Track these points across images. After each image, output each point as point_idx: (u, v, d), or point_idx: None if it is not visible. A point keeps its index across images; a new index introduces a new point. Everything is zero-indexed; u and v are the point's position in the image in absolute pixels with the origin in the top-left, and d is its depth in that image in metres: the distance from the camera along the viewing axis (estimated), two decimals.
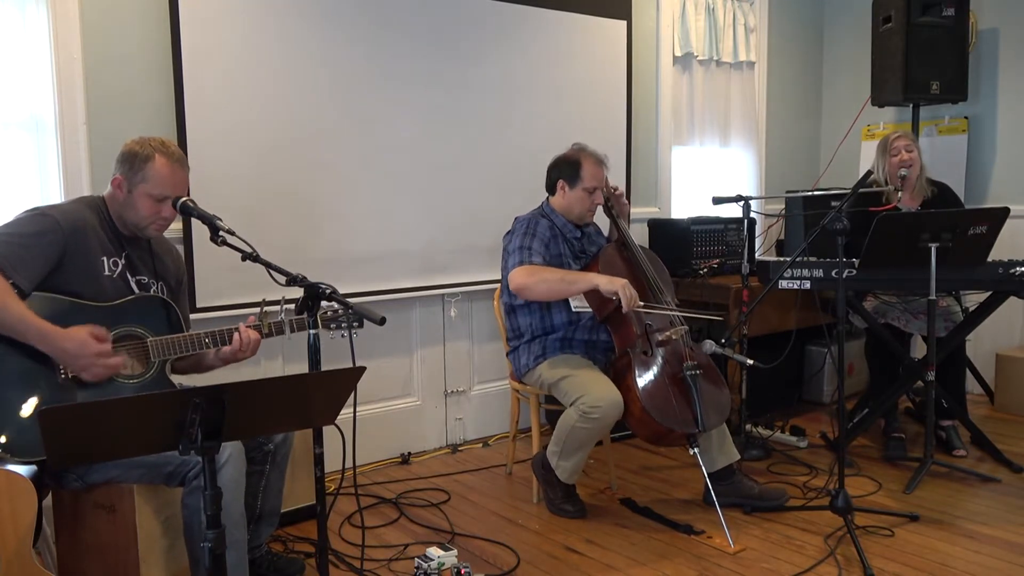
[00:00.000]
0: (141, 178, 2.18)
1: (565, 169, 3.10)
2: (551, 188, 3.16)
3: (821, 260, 3.38)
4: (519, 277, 2.92)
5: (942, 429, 3.63)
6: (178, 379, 2.40)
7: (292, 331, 2.34)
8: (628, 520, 2.99)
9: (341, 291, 2.05)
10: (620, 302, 2.80)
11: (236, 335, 2.26)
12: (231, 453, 2.09)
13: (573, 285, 2.90)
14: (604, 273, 2.96)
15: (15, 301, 1.97)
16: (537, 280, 2.90)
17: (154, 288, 2.30)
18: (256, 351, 2.32)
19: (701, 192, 4.69)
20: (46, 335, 1.99)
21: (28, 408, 2.00)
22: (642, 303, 2.86)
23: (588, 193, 3.07)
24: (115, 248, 2.23)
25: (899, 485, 3.24)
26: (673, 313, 3.00)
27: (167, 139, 2.28)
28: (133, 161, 2.18)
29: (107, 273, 2.18)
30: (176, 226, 2.96)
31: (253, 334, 2.29)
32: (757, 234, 4.35)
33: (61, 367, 2.04)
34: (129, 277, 2.24)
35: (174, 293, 2.38)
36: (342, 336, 2.34)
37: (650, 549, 2.75)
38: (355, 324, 2.32)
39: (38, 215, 2.10)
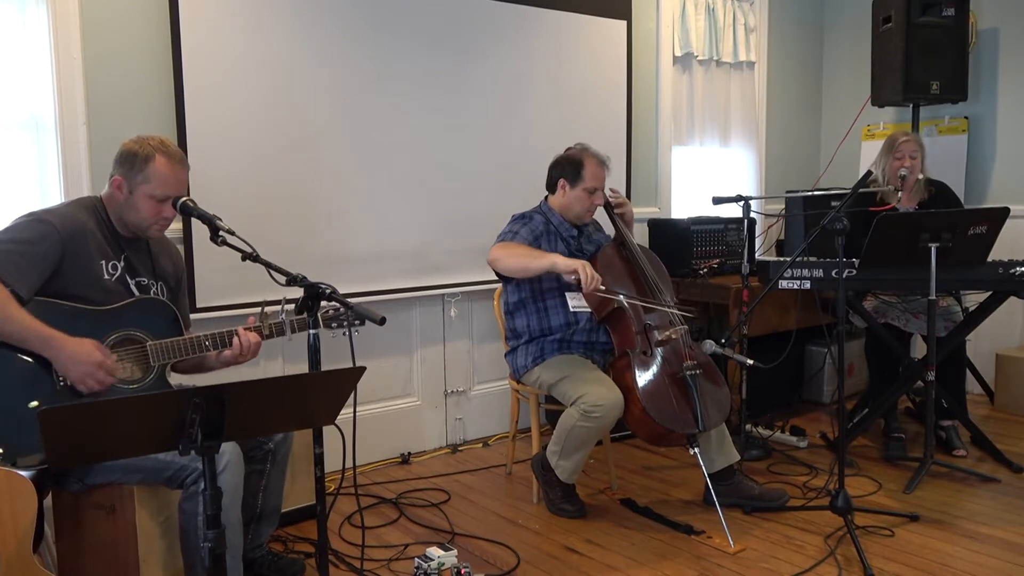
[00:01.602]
0: (142, 179, 2.16)
1: (567, 168, 3.10)
2: (551, 186, 3.16)
3: (821, 260, 3.37)
4: (494, 251, 2.98)
5: (942, 429, 3.63)
6: (178, 379, 2.40)
7: (293, 331, 2.33)
8: (628, 520, 2.99)
9: (341, 291, 2.05)
10: (577, 281, 2.76)
11: (236, 339, 2.25)
12: (229, 459, 2.09)
13: (535, 261, 2.88)
14: (603, 272, 2.96)
15: (16, 308, 1.96)
16: (507, 253, 2.94)
17: (154, 289, 2.29)
18: (257, 353, 2.31)
19: (701, 192, 4.69)
20: (49, 340, 1.98)
21: (28, 414, 1.98)
22: (603, 287, 2.83)
23: (588, 194, 3.07)
24: (114, 251, 2.21)
25: (899, 485, 3.24)
26: (638, 302, 2.97)
27: (166, 138, 2.26)
28: (133, 161, 2.16)
29: (106, 276, 2.17)
30: (176, 226, 2.96)
31: (253, 336, 2.27)
32: (757, 234, 4.35)
33: (59, 374, 2.03)
34: (129, 279, 2.23)
35: (173, 292, 2.38)
36: (344, 335, 2.33)
37: (650, 549, 2.75)
38: (356, 322, 2.31)
39: (35, 221, 2.08)
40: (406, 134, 3.55)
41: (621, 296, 2.93)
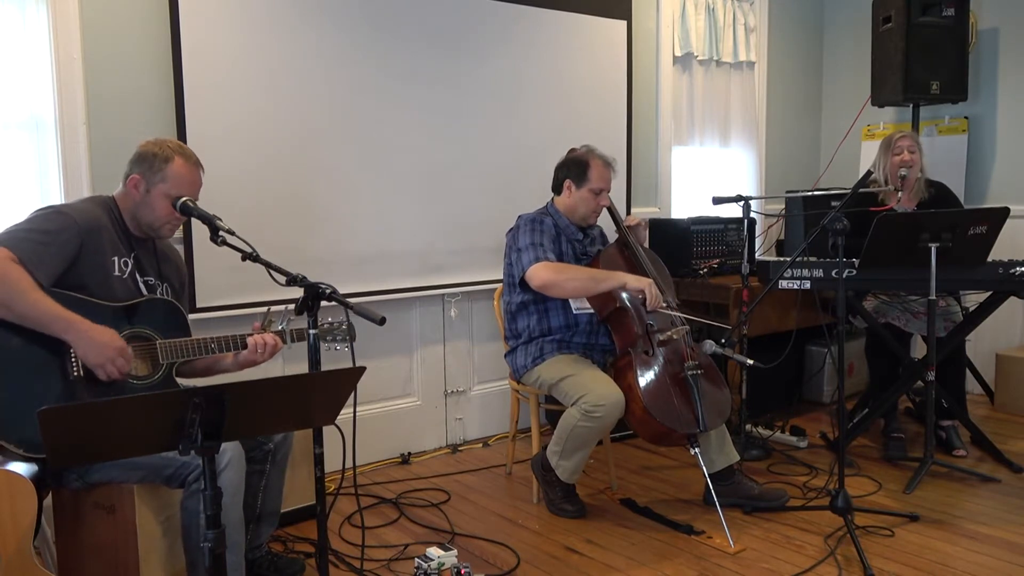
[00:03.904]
0: (160, 178, 2.20)
1: (573, 169, 3.10)
2: (557, 187, 3.16)
3: (821, 260, 3.38)
4: (544, 273, 2.89)
5: (942, 429, 3.63)
6: (179, 381, 2.40)
7: (293, 340, 2.36)
8: (628, 520, 2.99)
9: (341, 291, 2.05)
10: (643, 300, 2.83)
11: (251, 340, 2.27)
12: (231, 457, 2.09)
13: (602, 283, 2.89)
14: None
15: (40, 293, 1.99)
16: (566, 278, 2.89)
17: (160, 290, 2.31)
18: (274, 354, 2.32)
19: (701, 192, 4.69)
20: (73, 323, 2.00)
21: (38, 404, 1.99)
22: (664, 304, 2.89)
23: (594, 195, 3.08)
24: (125, 248, 2.24)
25: (899, 485, 3.24)
26: (688, 317, 3.02)
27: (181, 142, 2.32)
28: (153, 162, 2.20)
29: (117, 273, 2.19)
30: None
31: (269, 338, 2.29)
32: (757, 234, 4.35)
33: (74, 364, 2.04)
34: (138, 278, 2.25)
35: (177, 294, 2.39)
36: (336, 349, 2.38)
37: (650, 549, 2.75)
38: (349, 338, 2.34)
39: (55, 213, 2.11)
40: (405, 134, 3.55)
41: (677, 313, 2.97)
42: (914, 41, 4.13)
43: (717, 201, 3.53)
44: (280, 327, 2.34)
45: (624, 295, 2.95)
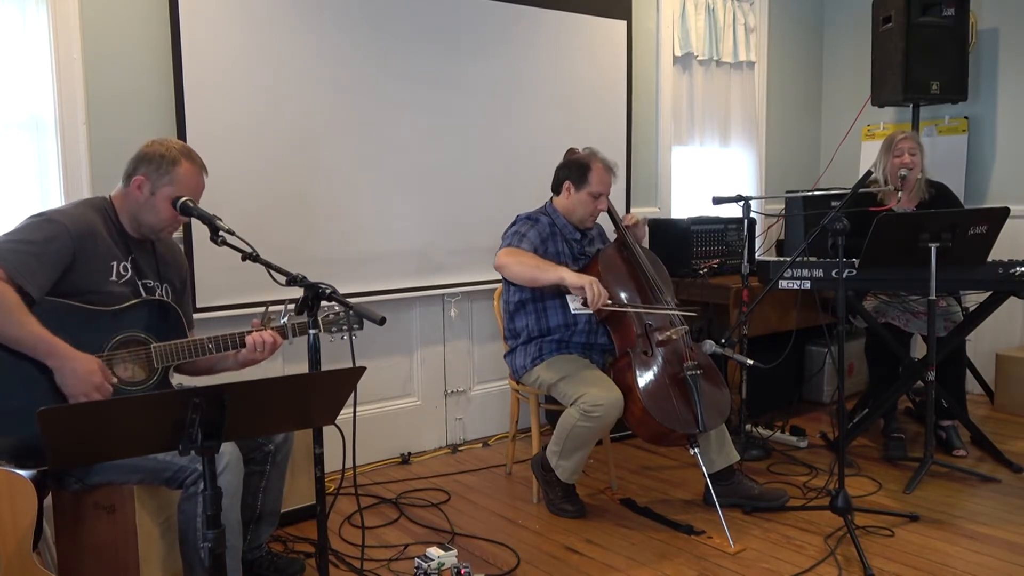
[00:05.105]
0: (167, 181, 2.18)
1: (574, 171, 3.10)
2: (557, 188, 3.16)
3: (821, 260, 3.38)
4: (502, 256, 2.96)
5: (942, 429, 3.63)
6: (177, 380, 2.40)
7: (294, 335, 2.34)
8: (628, 520, 2.99)
9: (341, 291, 2.05)
10: (583, 299, 2.79)
11: (249, 337, 2.24)
12: (229, 460, 2.09)
13: (543, 273, 2.88)
14: (604, 273, 2.97)
15: (27, 315, 1.96)
16: (515, 261, 2.92)
17: (159, 291, 2.29)
18: (274, 351, 2.30)
19: (701, 192, 4.69)
20: (55, 349, 1.98)
21: (29, 415, 1.98)
22: (610, 301, 2.85)
23: (593, 198, 3.08)
24: (122, 252, 2.21)
25: (899, 485, 3.24)
26: (644, 310, 2.98)
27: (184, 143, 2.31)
28: (160, 163, 2.18)
29: (114, 278, 2.17)
30: None
31: (268, 335, 2.27)
32: (757, 234, 4.35)
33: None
34: (137, 281, 2.23)
35: (178, 294, 2.38)
36: (342, 339, 2.35)
37: (650, 549, 2.75)
38: (355, 327, 2.31)
39: (45, 221, 2.08)
40: (405, 133, 3.55)
41: (627, 308, 2.94)
42: (914, 41, 4.13)
43: (717, 201, 3.53)
44: (282, 322, 2.32)
45: (623, 295, 2.94)
